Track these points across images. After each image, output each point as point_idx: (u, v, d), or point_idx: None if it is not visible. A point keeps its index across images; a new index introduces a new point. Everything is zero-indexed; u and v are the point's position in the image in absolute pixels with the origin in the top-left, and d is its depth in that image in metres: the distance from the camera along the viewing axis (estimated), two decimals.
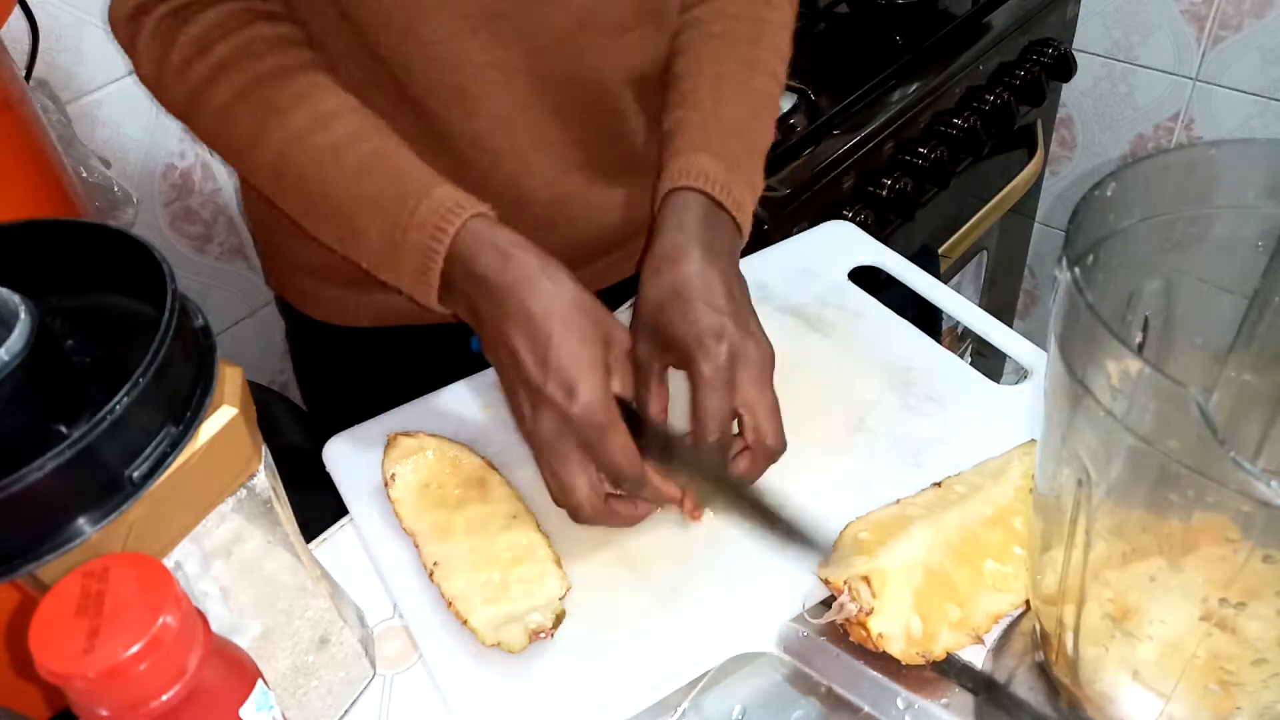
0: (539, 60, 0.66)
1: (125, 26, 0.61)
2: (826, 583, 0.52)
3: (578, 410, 0.51)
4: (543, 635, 0.52)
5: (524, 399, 0.54)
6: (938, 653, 0.50)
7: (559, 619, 0.53)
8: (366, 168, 0.58)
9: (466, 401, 0.69)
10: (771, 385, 0.56)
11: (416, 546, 0.58)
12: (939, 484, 0.58)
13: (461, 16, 0.62)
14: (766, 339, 0.57)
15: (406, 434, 0.62)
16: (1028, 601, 0.52)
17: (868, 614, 0.50)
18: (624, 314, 0.68)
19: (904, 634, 0.50)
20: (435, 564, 0.56)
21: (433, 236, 0.55)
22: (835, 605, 0.51)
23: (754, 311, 0.58)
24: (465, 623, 0.53)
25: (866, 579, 0.50)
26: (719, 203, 0.61)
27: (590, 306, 0.54)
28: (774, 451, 0.56)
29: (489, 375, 0.71)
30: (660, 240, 0.59)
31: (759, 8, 0.71)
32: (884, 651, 0.50)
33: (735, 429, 0.56)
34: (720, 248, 0.59)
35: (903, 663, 0.50)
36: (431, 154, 0.68)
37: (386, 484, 0.60)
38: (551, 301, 0.53)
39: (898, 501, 0.57)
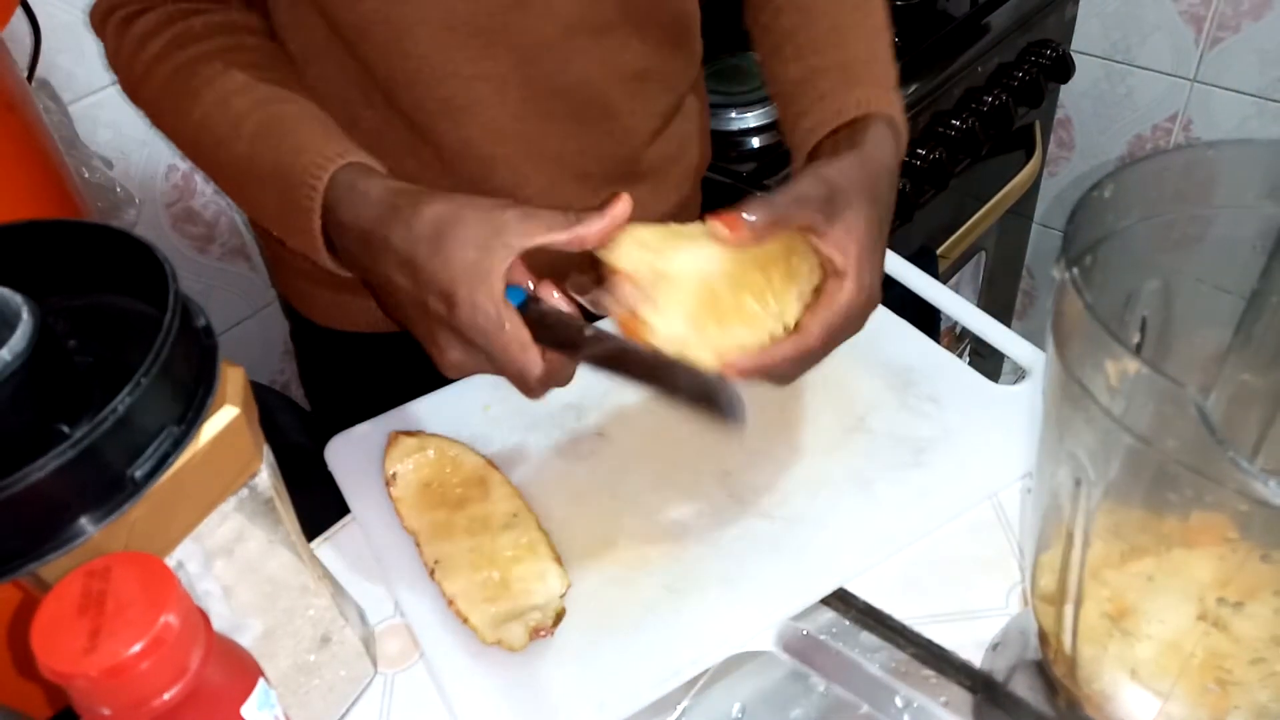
0: (528, 69, 0.66)
1: (96, 26, 0.65)
2: (612, 270, 0.48)
3: (461, 318, 0.49)
4: (543, 633, 0.52)
5: (422, 331, 0.52)
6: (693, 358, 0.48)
7: (559, 617, 0.53)
8: (260, 137, 0.57)
9: (467, 401, 0.69)
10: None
11: (417, 545, 0.58)
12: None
13: (446, 30, 0.62)
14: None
15: (407, 433, 0.63)
16: (1026, 600, 0.52)
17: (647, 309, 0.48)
18: None
19: (676, 338, 0.48)
20: (436, 563, 0.56)
21: (307, 195, 0.54)
22: (616, 292, 0.48)
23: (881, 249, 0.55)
24: (466, 621, 0.53)
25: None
26: (889, 120, 0.59)
27: (453, 215, 0.50)
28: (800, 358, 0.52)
29: (489, 375, 0.71)
30: (843, 143, 0.57)
31: None
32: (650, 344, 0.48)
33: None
34: (888, 170, 0.57)
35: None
36: (424, 164, 0.68)
37: (388, 483, 0.60)
38: (410, 226, 0.50)
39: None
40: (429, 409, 0.69)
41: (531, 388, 0.51)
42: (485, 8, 0.63)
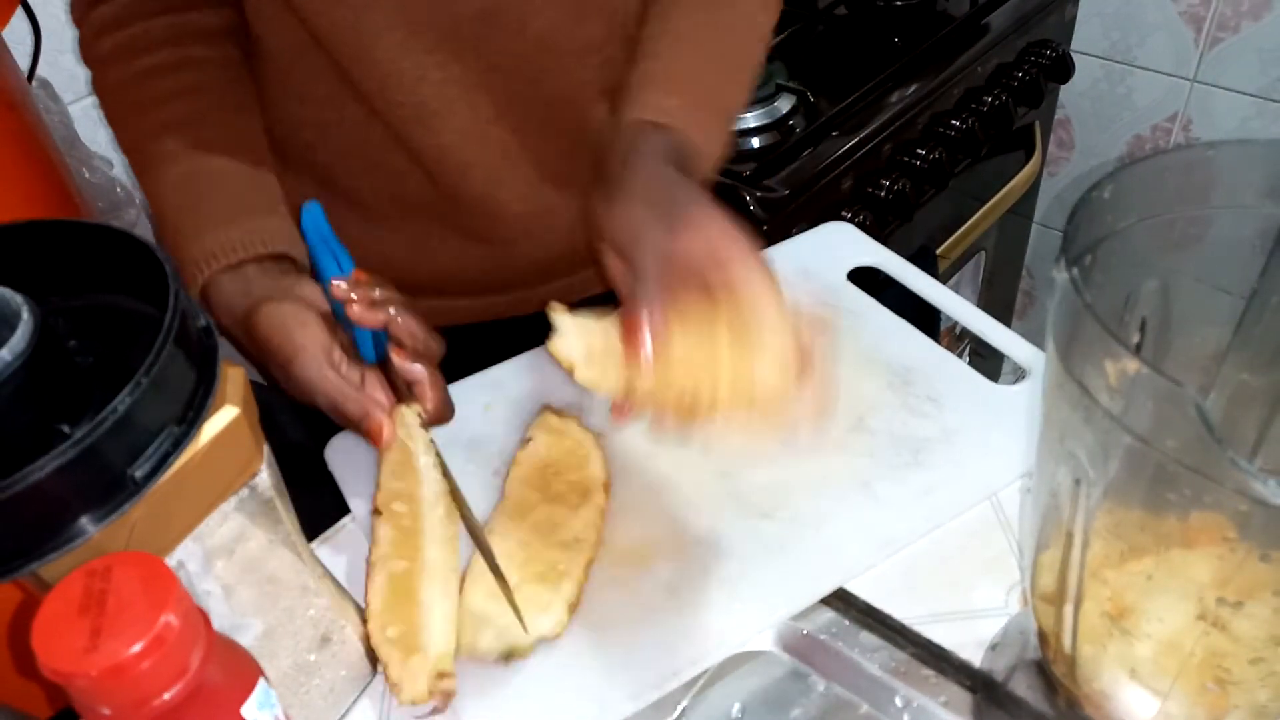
0: (498, 78, 0.66)
1: (76, 8, 0.66)
2: (414, 703, 0.49)
3: (293, 389, 0.56)
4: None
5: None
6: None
7: (512, 655, 0.52)
8: (175, 194, 0.61)
9: (468, 401, 0.69)
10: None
11: (494, 509, 0.59)
12: (375, 510, 0.56)
13: (411, 35, 0.62)
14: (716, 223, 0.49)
15: (556, 411, 0.64)
16: (1025, 600, 0.52)
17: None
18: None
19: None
20: (491, 531, 0.56)
21: (191, 276, 0.59)
22: (439, 703, 0.50)
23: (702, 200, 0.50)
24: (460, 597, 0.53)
25: (442, 674, 0.50)
26: (672, 129, 0.57)
27: (270, 315, 0.55)
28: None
29: (489, 375, 0.71)
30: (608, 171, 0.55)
31: None
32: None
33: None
34: (667, 161, 0.54)
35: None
36: (403, 166, 0.68)
37: (522, 444, 0.62)
38: (254, 340, 0.56)
39: (367, 562, 0.56)
40: None
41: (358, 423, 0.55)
42: (450, 18, 0.62)
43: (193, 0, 0.64)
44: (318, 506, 0.62)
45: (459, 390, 0.70)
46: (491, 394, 0.69)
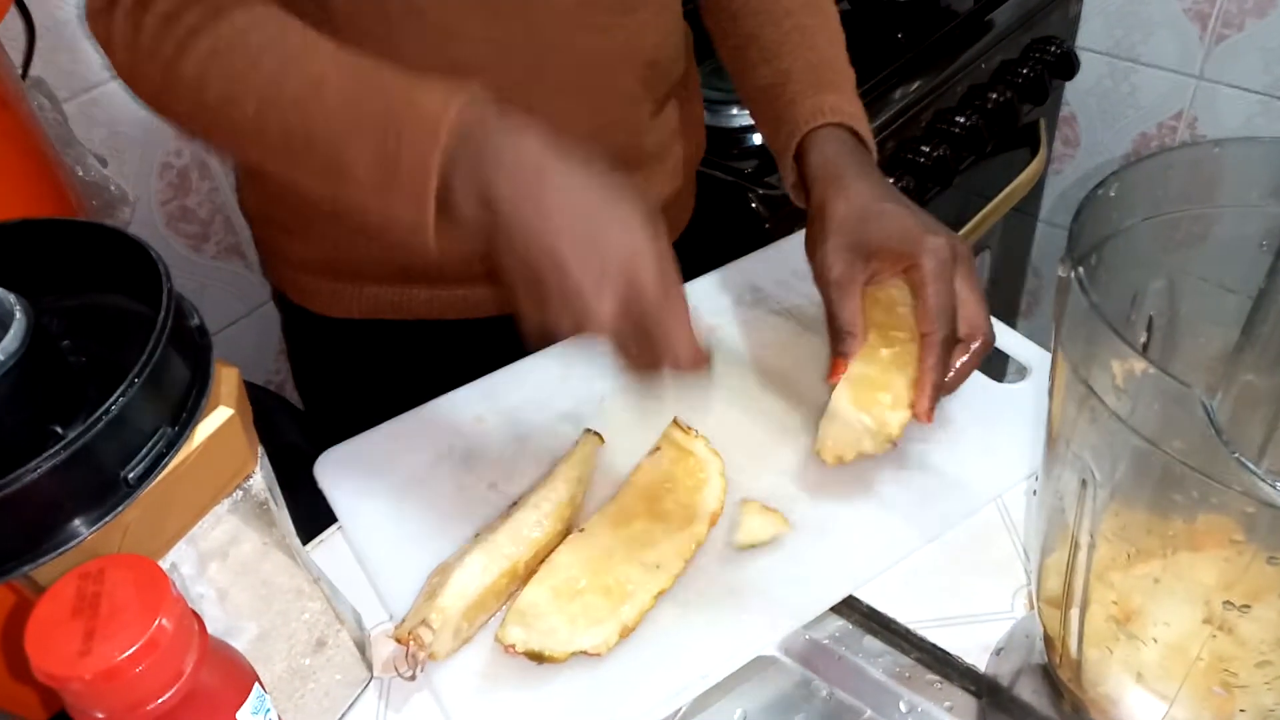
0: (537, 36, 0.65)
1: (99, 20, 0.60)
2: (398, 641, 0.52)
3: (649, 292, 0.47)
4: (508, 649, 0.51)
5: (585, 284, 0.47)
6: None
7: (540, 656, 0.51)
8: (347, 96, 0.53)
9: (459, 412, 0.68)
10: (977, 281, 0.60)
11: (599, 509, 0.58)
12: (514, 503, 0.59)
13: None
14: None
15: (684, 428, 0.62)
16: (1031, 604, 0.52)
17: (430, 654, 0.51)
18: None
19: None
20: (583, 530, 0.56)
21: (431, 134, 0.50)
22: (409, 659, 0.51)
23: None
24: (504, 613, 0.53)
25: (425, 621, 0.51)
26: (854, 131, 0.66)
27: (625, 186, 0.50)
28: (989, 343, 0.59)
29: (482, 385, 0.70)
30: (823, 171, 0.63)
31: None
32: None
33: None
34: (875, 171, 0.64)
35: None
36: None
37: (651, 452, 0.61)
38: (588, 182, 0.50)
39: (475, 536, 0.58)
40: (422, 420, 0.68)
41: (681, 357, 0.49)
42: None
43: None
44: (313, 509, 0.61)
45: (451, 402, 0.69)
46: (483, 405, 0.68)
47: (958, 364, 0.58)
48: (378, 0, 0.62)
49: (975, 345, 0.59)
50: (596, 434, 0.62)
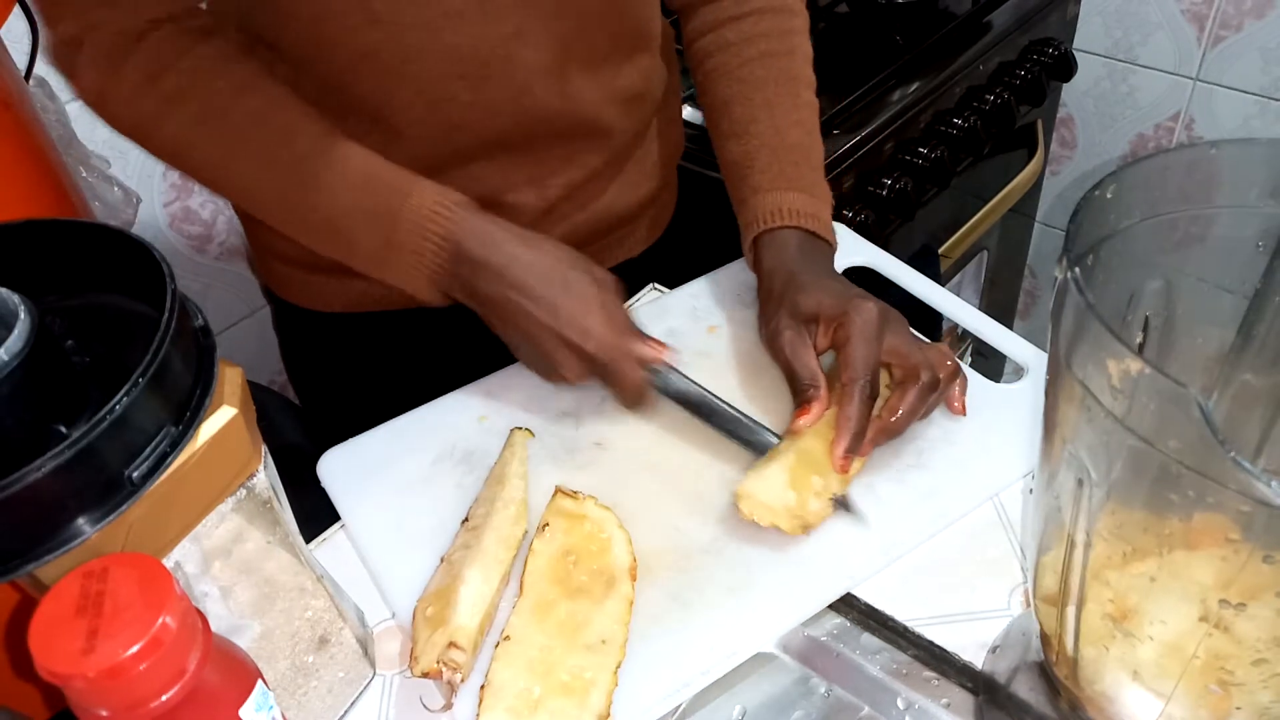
0: (523, 97, 0.68)
1: (63, 54, 0.62)
2: (426, 675, 0.50)
3: (592, 348, 0.60)
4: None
5: (549, 348, 0.61)
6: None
7: None
8: (344, 180, 0.61)
9: (463, 413, 0.68)
10: (912, 336, 0.62)
11: (513, 608, 0.54)
12: (465, 520, 0.60)
13: (450, 60, 0.64)
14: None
15: (570, 493, 0.59)
16: (1028, 602, 0.52)
17: (464, 678, 0.51)
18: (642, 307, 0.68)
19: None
20: (507, 637, 0.52)
21: (422, 236, 0.61)
22: (445, 688, 0.50)
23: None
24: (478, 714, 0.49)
25: (453, 644, 0.50)
26: (810, 231, 0.68)
27: (575, 259, 0.62)
28: (934, 383, 0.60)
29: (483, 385, 0.70)
30: (776, 268, 0.67)
31: (784, 19, 0.73)
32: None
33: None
34: (827, 267, 0.68)
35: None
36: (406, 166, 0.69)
37: (538, 531, 0.57)
38: (543, 267, 0.61)
39: (441, 560, 0.58)
40: (424, 421, 0.68)
41: (630, 392, 0.62)
42: (487, 40, 0.64)
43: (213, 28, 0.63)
44: (316, 507, 0.62)
45: (453, 401, 0.69)
46: (485, 405, 0.68)
47: (903, 405, 0.60)
48: (366, 70, 0.65)
49: (913, 386, 0.60)
50: (527, 429, 0.65)
